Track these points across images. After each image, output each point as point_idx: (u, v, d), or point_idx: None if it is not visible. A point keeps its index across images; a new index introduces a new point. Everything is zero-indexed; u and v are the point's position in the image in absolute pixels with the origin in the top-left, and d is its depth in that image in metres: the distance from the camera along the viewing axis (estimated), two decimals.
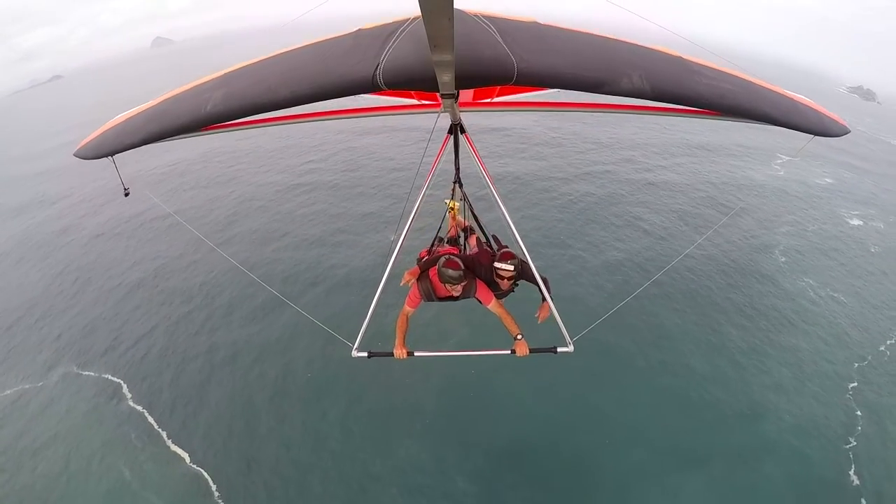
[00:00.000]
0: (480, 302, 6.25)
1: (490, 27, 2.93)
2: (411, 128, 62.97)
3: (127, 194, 4.70)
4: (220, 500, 21.19)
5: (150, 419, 24.79)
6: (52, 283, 37.24)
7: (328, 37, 3.42)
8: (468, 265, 6.13)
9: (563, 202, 47.32)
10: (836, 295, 37.90)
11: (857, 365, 31.05)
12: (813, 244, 46.34)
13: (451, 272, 5.56)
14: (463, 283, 5.74)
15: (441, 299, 6.21)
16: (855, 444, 25.58)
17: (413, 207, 5.53)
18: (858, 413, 27.39)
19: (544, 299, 6.09)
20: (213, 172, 57.85)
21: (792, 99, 3.57)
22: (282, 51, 3.56)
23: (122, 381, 27.16)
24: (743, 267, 39.74)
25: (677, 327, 31.38)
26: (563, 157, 60.74)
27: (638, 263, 37.54)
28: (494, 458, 23.14)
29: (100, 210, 50.06)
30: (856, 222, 53.94)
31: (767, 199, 56.18)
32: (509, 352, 5.95)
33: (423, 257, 6.93)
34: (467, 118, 5.35)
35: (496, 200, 5.42)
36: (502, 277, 5.96)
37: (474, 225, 8.53)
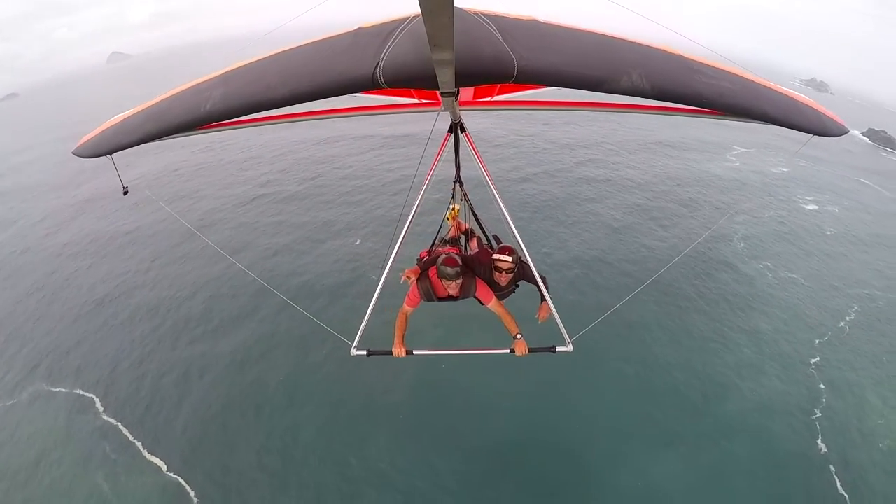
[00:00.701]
0: (480, 301, 6.23)
1: (490, 25, 2.95)
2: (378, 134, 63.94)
3: (126, 193, 4.76)
4: None
5: (125, 431, 24.63)
6: (16, 304, 36.15)
7: (328, 35, 3.42)
8: (468, 264, 6.16)
9: (522, 199, 48.36)
10: (794, 276, 39.48)
11: (817, 342, 32.44)
12: (770, 230, 47.98)
13: (448, 269, 5.60)
14: (461, 282, 5.77)
15: (441, 299, 6.20)
16: (820, 415, 26.84)
17: (413, 207, 5.51)
18: (822, 387, 28.70)
19: (543, 299, 6.15)
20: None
21: (792, 98, 3.61)
22: (281, 49, 3.55)
23: (94, 396, 26.84)
24: (703, 254, 40.90)
25: (640, 317, 32.07)
26: (522, 157, 61.62)
27: (609, 262, 38.63)
28: (465, 446, 23.70)
29: (62, 229, 48.48)
30: (811, 207, 56.17)
31: (725, 189, 57.85)
32: (508, 351, 5.97)
33: (424, 257, 6.93)
34: (468, 117, 5.37)
35: (497, 200, 5.42)
36: (501, 270, 5.99)
37: (475, 225, 8.55)
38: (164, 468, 22.80)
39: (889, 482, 23.90)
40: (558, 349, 5.83)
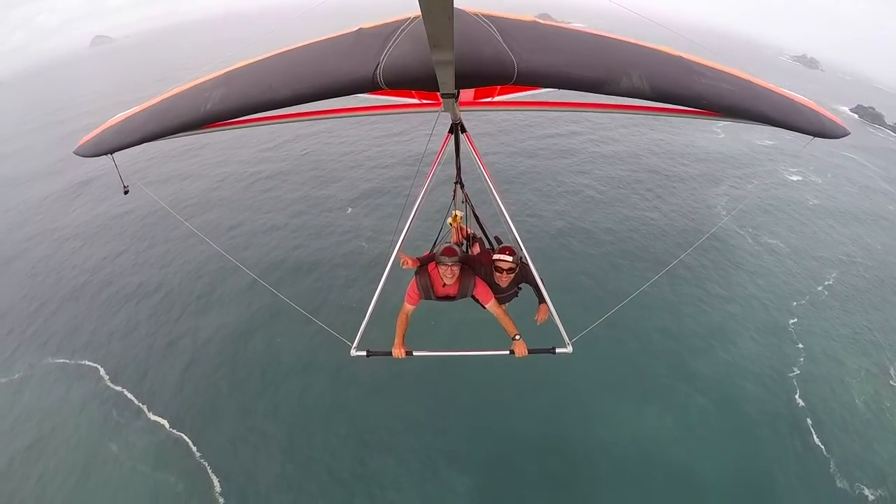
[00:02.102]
0: (479, 302, 6.20)
1: (490, 27, 2.95)
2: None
3: (126, 192, 4.76)
4: (200, 459, 22.87)
5: (129, 395, 26.06)
6: (18, 286, 36.81)
7: (328, 36, 3.41)
8: (468, 263, 6.15)
9: (511, 174, 49.07)
10: (774, 242, 40.64)
11: (795, 303, 33.68)
12: (753, 199, 49.11)
13: (446, 257, 5.59)
14: (457, 270, 5.73)
15: (439, 298, 6.14)
16: (798, 372, 28.16)
17: (413, 207, 5.47)
18: (800, 346, 30.00)
19: (542, 301, 6.11)
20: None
21: (792, 100, 3.60)
22: (282, 50, 3.54)
23: (98, 365, 28.06)
24: (686, 223, 42.22)
25: (624, 282, 33.17)
26: (508, 133, 61.98)
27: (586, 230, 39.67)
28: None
29: (58, 213, 48.64)
30: (795, 178, 57.34)
31: (710, 160, 58.84)
32: (508, 352, 5.92)
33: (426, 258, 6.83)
34: (468, 117, 5.38)
35: (496, 201, 5.39)
36: (501, 270, 5.98)
37: (476, 227, 8.45)
38: (167, 425, 24.42)
39: (863, 434, 25.24)
40: (558, 350, 5.81)
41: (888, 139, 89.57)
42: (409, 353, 5.85)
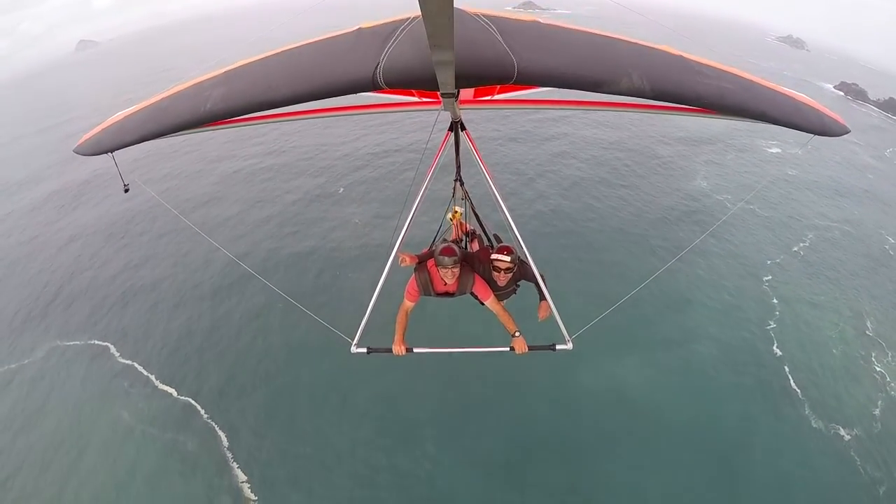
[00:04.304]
0: (478, 298, 6.17)
1: (490, 26, 2.93)
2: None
3: (127, 190, 4.71)
4: (208, 420, 24.62)
5: (139, 368, 27.57)
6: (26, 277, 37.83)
7: (328, 35, 3.39)
8: (467, 260, 6.12)
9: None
10: (752, 207, 41.89)
11: (769, 262, 35.25)
12: (732, 169, 50.72)
13: (446, 258, 5.52)
14: (457, 271, 5.70)
15: (439, 294, 6.08)
16: (774, 325, 29.70)
17: (413, 205, 5.44)
18: (775, 301, 31.53)
19: (543, 298, 6.08)
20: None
21: (792, 98, 3.57)
22: (282, 49, 3.52)
23: (108, 344, 29.50)
24: (666, 193, 43.89)
25: (608, 241, 35.14)
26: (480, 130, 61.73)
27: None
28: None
29: (59, 214, 48.82)
30: (774, 150, 58.63)
31: (688, 136, 60.09)
32: (508, 349, 5.92)
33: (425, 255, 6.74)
34: (468, 115, 5.34)
35: (496, 199, 5.32)
36: (499, 269, 5.94)
37: (475, 224, 8.41)
38: (175, 393, 26.08)
39: (838, 379, 26.96)
40: (558, 347, 5.77)
41: (870, 114, 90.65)
42: (409, 350, 5.87)
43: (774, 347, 28.28)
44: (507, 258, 5.81)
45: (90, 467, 22.63)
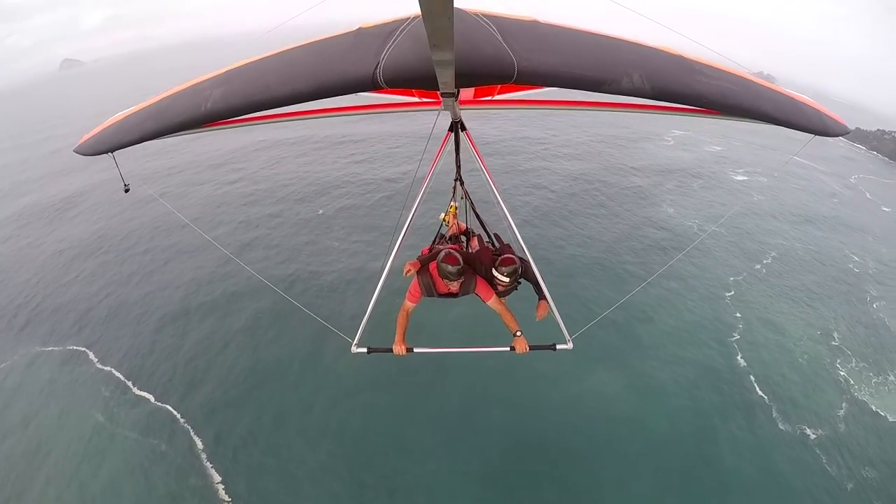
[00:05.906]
0: (480, 298, 6.12)
1: (490, 26, 2.92)
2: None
3: (127, 190, 4.67)
4: (185, 424, 24.83)
5: (117, 374, 27.61)
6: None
7: (328, 35, 3.38)
8: (469, 262, 6.01)
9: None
10: (718, 230, 43.47)
11: (732, 279, 36.72)
12: (698, 196, 52.40)
13: (449, 268, 5.45)
14: (461, 280, 5.69)
15: (441, 295, 6.05)
16: (738, 337, 30.76)
17: (413, 205, 5.40)
18: (738, 315, 32.76)
19: (542, 297, 6.05)
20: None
21: (793, 98, 3.56)
22: (282, 49, 3.50)
23: (85, 349, 29.48)
24: (634, 219, 45.36)
25: (578, 265, 36.17)
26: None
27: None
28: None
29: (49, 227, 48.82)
30: (741, 178, 60.62)
31: (658, 165, 61.80)
32: (509, 348, 5.89)
33: (425, 254, 6.66)
34: (468, 115, 5.32)
35: (496, 198, 5.23)
36: (501, 283, 5.89)
37: (476, 224, 8.34)
38: (153, 399, 26.16)
39: (803, 385, 28.08)
40: (559, 347, 5.75)
41: (838, 145, 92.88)
42: (409, 350, 5.83)
43: (739, 358, 29.47)
44: (505, 279, 5.73)
45: (65, 470, 22.63)
